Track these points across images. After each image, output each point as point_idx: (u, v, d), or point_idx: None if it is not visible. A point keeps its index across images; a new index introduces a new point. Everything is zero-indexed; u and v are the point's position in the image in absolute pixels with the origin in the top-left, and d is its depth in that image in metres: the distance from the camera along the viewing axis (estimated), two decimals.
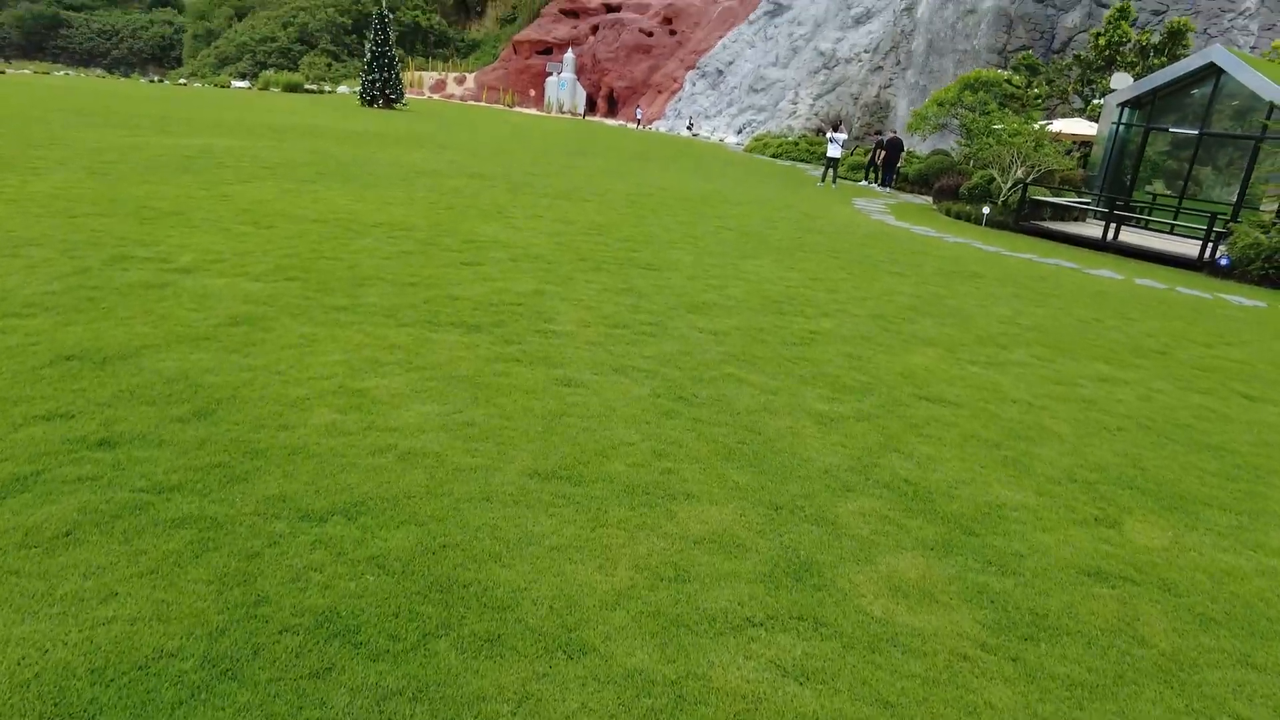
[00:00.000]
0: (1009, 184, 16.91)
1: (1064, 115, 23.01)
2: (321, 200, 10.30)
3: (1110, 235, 15.02)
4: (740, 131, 47.20)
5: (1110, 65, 23.22)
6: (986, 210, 16.55)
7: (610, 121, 56.92)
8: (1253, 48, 25.11)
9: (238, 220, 8.56)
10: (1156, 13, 27.10)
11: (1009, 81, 21.58)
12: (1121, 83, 18.43)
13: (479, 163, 17.08)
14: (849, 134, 34.04)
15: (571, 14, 67.19)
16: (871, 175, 25.62)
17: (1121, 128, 17.36)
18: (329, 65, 71.86)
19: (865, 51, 42.90)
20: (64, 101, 23.70)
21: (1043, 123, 17.75)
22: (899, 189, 24.12)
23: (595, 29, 63.97)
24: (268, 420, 3.98)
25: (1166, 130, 16.67)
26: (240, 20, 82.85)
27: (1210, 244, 13.83)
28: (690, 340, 5.93)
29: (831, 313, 7.31)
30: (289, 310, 5.68)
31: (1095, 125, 19.54)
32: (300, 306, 5.79)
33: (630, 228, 10.79)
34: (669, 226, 11.31)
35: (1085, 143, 18.99)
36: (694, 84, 55.27)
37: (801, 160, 32.41)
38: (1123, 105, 17.11)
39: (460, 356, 5.10)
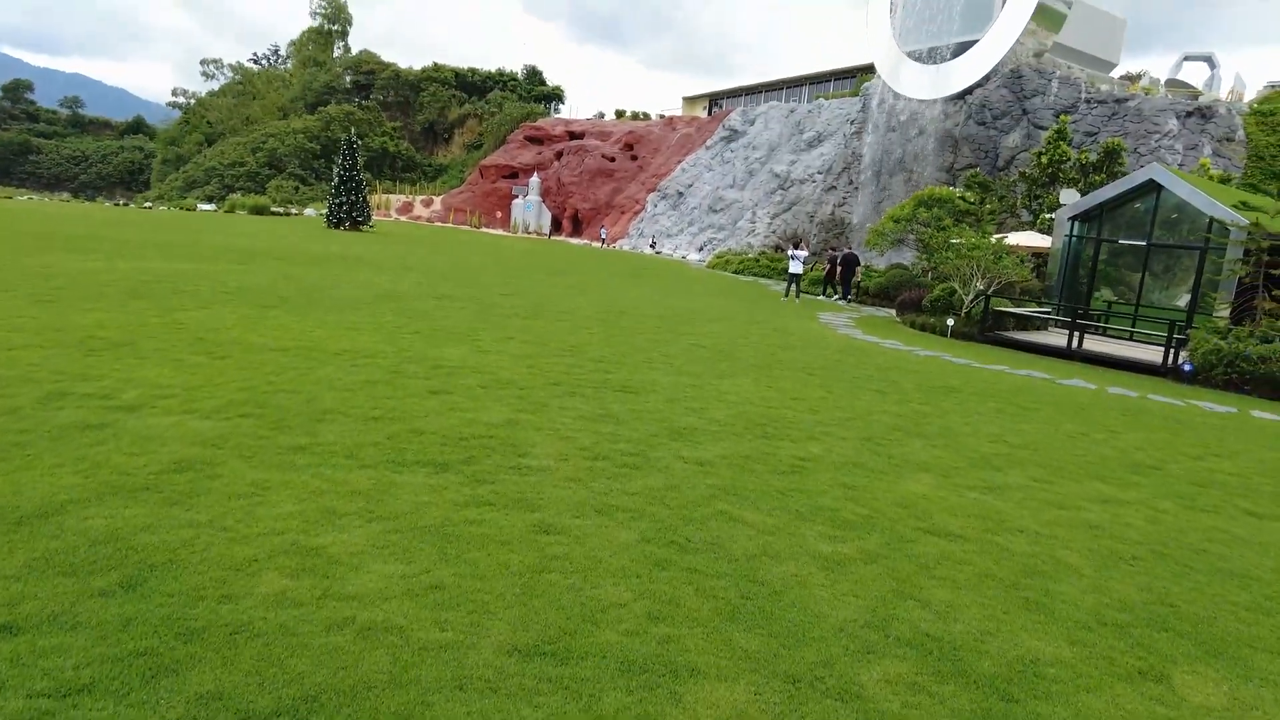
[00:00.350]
0: (970, 296, 17.26)
1: (1014, 229, 23.95)
2: (282, 327, 9.95)
3: (1075, 344, 15.25)
4: (702, 249, 48.53)
5: (1053, 181, 24.46)
6: (951, 322, 16.79)
7: (575, 241, 58.32)
8: (1180, 164, 26.76)
9: (192, 350, 8.14)
10: (1089, 134, 28.95)
11: (962, 198, 22.52)
12: (1069, 198, 19.31)
13: (446, 284, 17.00)
14: (809, 251, 35.04)
15: (536, 141, 70.01)
16: (830, 289, 26.27)
17: (1074, 240, 18.02)
18: (296, 188, 73.20)
19: (818, 173, 45.01)
20: (19, 225, 23.43)
21: (998, 236, 18.37)
22: (860, 302, 24.61)
23: (559, 155, 66.55)
24: (208, 590, 3.46)
25: (1116, 241, 17.33)
26: (210, 146, 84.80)
27: (1171, 350, 14.07)
28: (675, 473, 5.56)
29: (818, 435, 7.02)
30: (240, 452, 5.21)
31: (1047, 238, 20.30)
32: (253, 447, 5.33)
33: (603, 347, 10.58)
34: (642, 345, 11.13)
35: (1039, 254, 19.65)
36: (655, 205, 57.22)
37: (763, 276, 33.14)
38: (1073, 219, 17.83)
39: (427, 502, 4.65)
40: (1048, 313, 18.06)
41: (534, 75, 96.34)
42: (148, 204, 63.40)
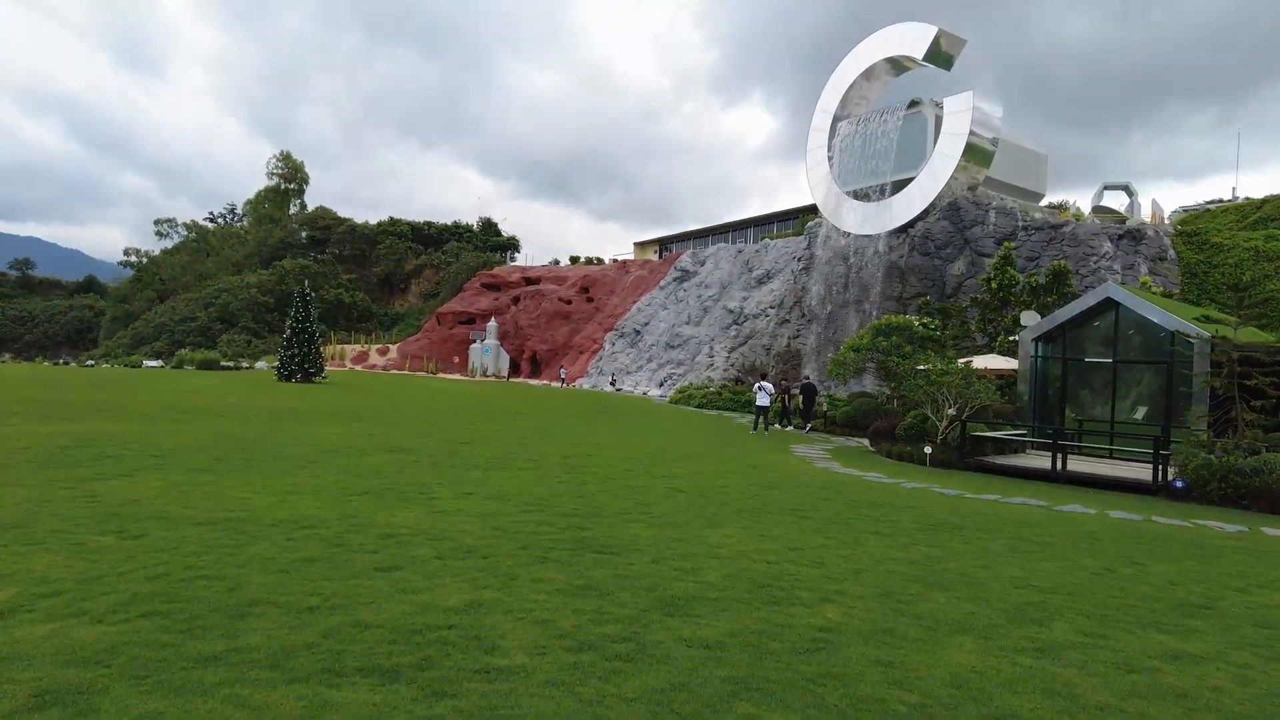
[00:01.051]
0: (945, 422, 16.85)
1: (973, 353, 24.07)
2: (214, 494, 8.84)
3: (1059, 465, 14.75)
4: (662, 385, 48.37)
5: (1005, 305, 24.92)
6: (928, 450, 16.25)
7: (534, 382, 57.87)
8: (1121, 283, 27.72)
9: (100, 529, 7.01)
10: (1030, 259, 30.04)
11: (924, 325, 22.67)
12: (1030, 319, 19.48)
13: (400, 434, 16.01)
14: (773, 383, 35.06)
15: (493, 287, 70.94)
16: (786, 420, 25.87)
17: (1039, 360, 17.97)
18: (249, 342, 72.21)
19: (770, 307, 45.92)
20: None
21: (963, 360, 18.26)
22: (829, 432, 24.11)
23: (516, 299, 67.33)
24: None
25: (1083, 360, 17.30)
26: (162, 303, 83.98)
27: (1159, 467, 13.63)
28: (679, 663, 4.57)
29: (832, 596, 6.11)
30: (132, 670, 4.11)
31: (1009, 360, 20.31)
32: (151, 662, 4.22)
33: (573, 498, 9.64)
34: (616, 492, 10.22)
35: (1003, 376, 19.56)
36: (613, 343, 57.54)
37: (726, 409, 32.74)
38: (1036, 340, 17.86)
39: None
40: (1024, 435, 17.70)
41: (489, 226, 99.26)
42: (90, 362, 61.55)
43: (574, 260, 78.03)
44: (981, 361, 20.82)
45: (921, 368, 17.58)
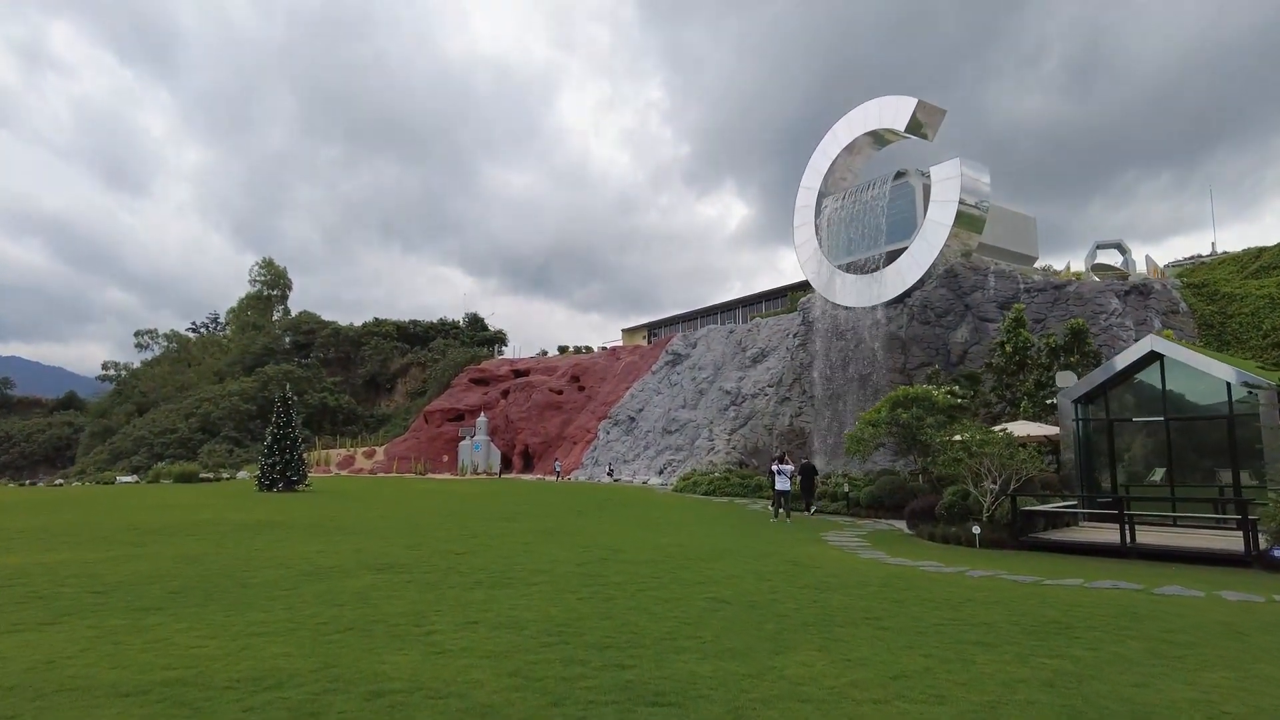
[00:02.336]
0: (990, 497, 15.30)
1: (993, 420, 22.70)
2: (157, 644, 7.11)
3: (1128, 539, 13.17)
4: (662, 472, 46.48)
5: (1022, 369, 23.73)
6: (977, 530, 14.65)
7: (527, 477, 55.74)
8: (1136, 338, 26.71)
9: None
10: (1037, 320, 29.13)
11: (949, 393, 21.35)
12: (1066, 380, 18.23)
13: (388, 547, 14.22)
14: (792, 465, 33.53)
15: (482, 382, 69.54)
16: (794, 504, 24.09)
17: (1081, 423, 16.60)
18: (230, 451, 69.80)
19: (768, 386, 44.61)
20: None
21: (1001, 428, 16.86)
22: (854, 515, 22.32)
23: (506, 393, 65.82)
24: None
25: (1130, 420, 15.95)
26: (141, 415, 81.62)
27: (1250, 534, 12.10)
28: None
29: None
30: None
31: (1040, 425, 18.94)
32: None
33: (602, 619, 7.96)
34: (650, 608, 8.54)
35: (1043, 442, 18.12)
36: (608, 432, 55.83)
37: (736, 495, 30.94)
38: (1076, 401, 16.54)
39: None
40: (1074, 506, 16.15)
41: (476, 322, 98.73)
42: (59, 481, 58.84)
43: (562, 350, 77.10)
44: (1015, 428, 19.46)
45: (958, 438, 16.14)
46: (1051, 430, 17.84)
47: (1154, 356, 15.49)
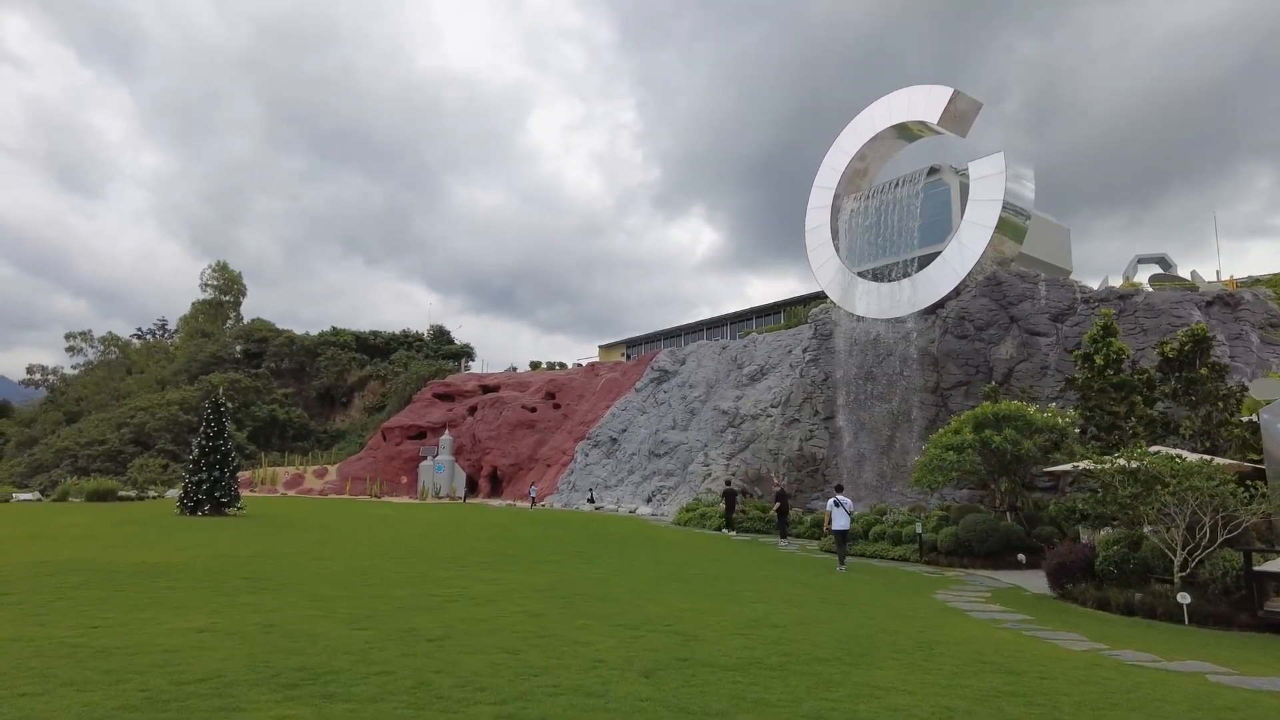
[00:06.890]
0: (1184, 550, 10.81)
1: (1109, 448, 18.33)
2: None
3: None
4: (650, 500, 41.53)
5: (1119, 388, 19.46)
6: (1187, 600, 10.12)
7: (495, 502, 50.28)
8: (1230, 355, 22.79)
9: None
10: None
11: (1061, 414, 16.92)
12: (1276, 392, 13.76)
13: (316, 625, 9.16)
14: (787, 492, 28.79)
15: (447, 398, 64.05)
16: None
17: None
18: (166, 466, 63.04)
19: (771, 406, 40.00)
20: None
21: (1202, 456, 12.42)
22: (928, 562, 17.67)
23: (473, 409, 60.42)
24: None
25: None
26: (70, 425, 74.31)
27: None
28: None
29: None
30: None
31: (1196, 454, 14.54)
32: None
33: None
34: None
35: (1243, 478, 13.66)
36: (586, 454, 50.79)
37: (757, 531, 26.16)
38: None
39: None
40: None
41: (441, 334, 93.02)
42: None
43: (534, 366, 72.02)
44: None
45: (1134, 464, 11.68)
46: (1230, 463, 13.46)
47: None
